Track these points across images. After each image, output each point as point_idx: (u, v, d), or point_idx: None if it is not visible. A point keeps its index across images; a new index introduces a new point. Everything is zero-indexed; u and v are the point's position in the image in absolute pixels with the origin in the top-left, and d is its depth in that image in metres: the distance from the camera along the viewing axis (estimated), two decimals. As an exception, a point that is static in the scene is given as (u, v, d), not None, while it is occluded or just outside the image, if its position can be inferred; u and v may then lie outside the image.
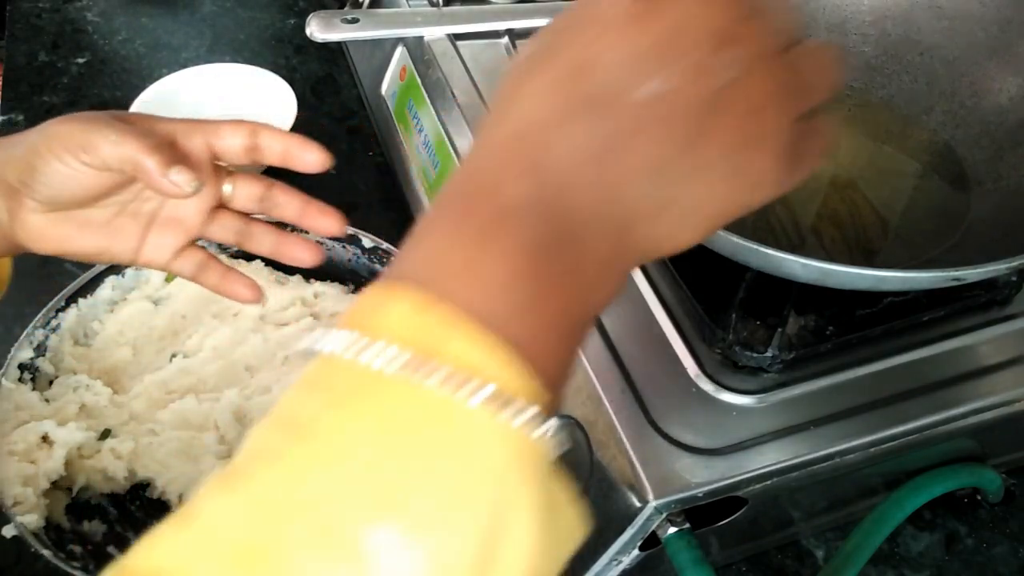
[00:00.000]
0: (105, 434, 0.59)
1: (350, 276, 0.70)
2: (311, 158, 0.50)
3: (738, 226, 0.40)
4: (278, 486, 0.22)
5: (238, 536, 0.22)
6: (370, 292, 0.25)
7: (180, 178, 0.45)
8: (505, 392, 0.23)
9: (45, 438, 0.57)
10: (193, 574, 0.21)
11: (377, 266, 0.68)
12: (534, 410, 0.24)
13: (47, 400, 0.59)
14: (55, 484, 0.56)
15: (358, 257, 0.69)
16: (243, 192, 0.51)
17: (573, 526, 0.26)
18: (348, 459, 0.22)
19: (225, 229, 0.52)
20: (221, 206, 0.52)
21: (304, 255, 0.53)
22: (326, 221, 0.52)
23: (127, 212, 0.50)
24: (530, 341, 0.25)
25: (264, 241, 0.53)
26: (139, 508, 0.59)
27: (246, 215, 0.53)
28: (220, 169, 0.51)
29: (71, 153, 0.45)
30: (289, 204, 0.52)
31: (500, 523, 0.23)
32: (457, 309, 0.24)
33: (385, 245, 0.67)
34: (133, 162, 0.45)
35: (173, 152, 0.46)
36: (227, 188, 0.51)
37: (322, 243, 0.69)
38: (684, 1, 0.27)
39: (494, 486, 0.23)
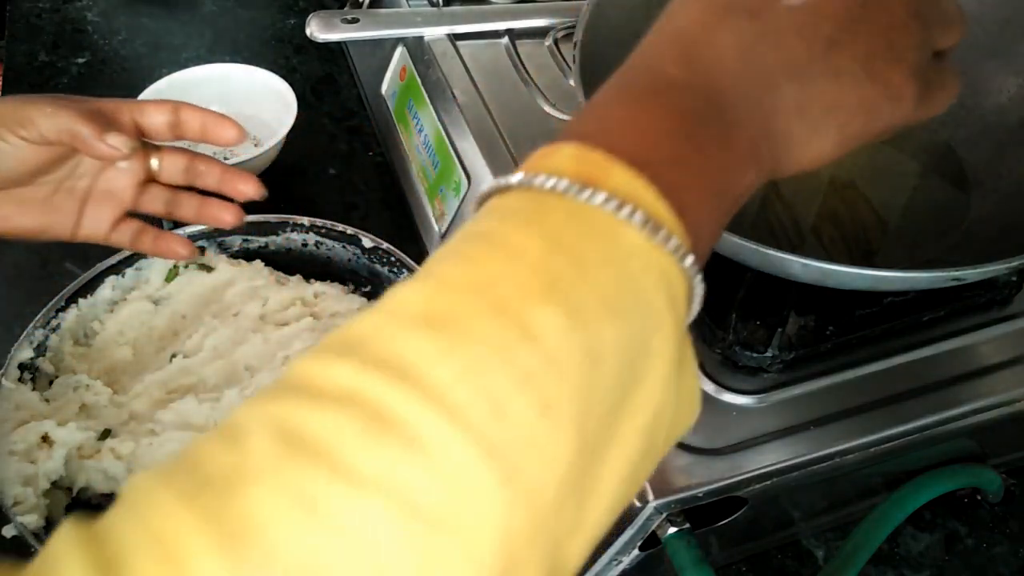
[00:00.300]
0: (105, 434, 0.59)
1: (350, 276, 0.70)
2: (227, 133, 0.55)
3: (737, 226, 0.40)
4: (459, 273, 0.25)
5: (422, 308, 0.24)
6: (540, 148, 0.28)
7: (116, 141, 0.49)
8: (657, 220, 0.26)
9: (45, 438, 0.57)
10: (382, 336, 0.24)
11: (377, 266, 0.68)
12: (680, 243, 0.27)
13: (47, 400, 0.59)
14: (55, 484, 0.56)
15: (358, 257, 0.69)
16: (169, 165, 0.56)
17: (692, 399, 0.29)
18: (521, 254, 0.25)
19: (155, 200, 0.56)
20: (151, 180, 0.56)
21: (225, 216, 0.57)
22: (244, 187, 0.56)
23: (63, 189, 0.54)
24: (679, 190, 0.27)
25: (190, 207, 0.57)
26: (139, 508, 0.60)
27: (173, 187, 0.57)
28: (148, 145, 0.55)
29: (8, 128, 0.48)
30: (210, 173, 0.56)
31: (645, 342, 0.25)
32: (616, 154, 0.27)
33: (385, 245, 0.67)
34: (70, 131, 0.48)
35: (106, 120, 0.50)
36: (154, 162, 0.55)
37: (322, 243, 0.69)
38: None
39: (644, 299, 0.26)
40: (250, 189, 0.56)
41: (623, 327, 0.25)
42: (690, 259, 0.27)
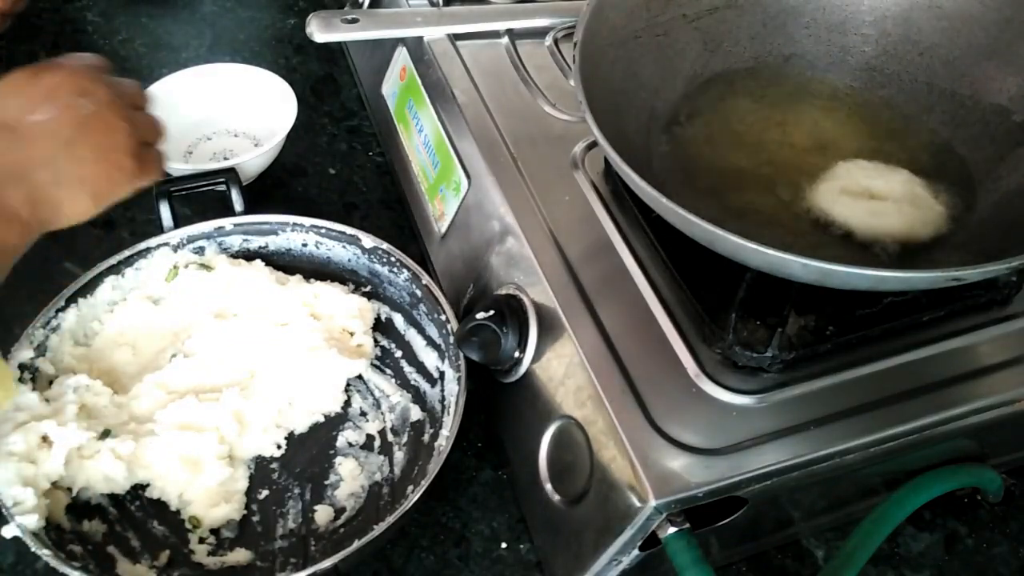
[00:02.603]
0: (105, 434, 0.59)
1: (350, 276, 0.70)
2: None
3: (748, 227, 0.40)
4: None
5: None
6: None
7: None
8: None
9: (45, 438, 0.57)
10: None
11: (377, 266, 0.68)
12: None
13: (47, 400, 0.59)
14: (55, 484, 0.56)
15: (358, 257, 0.69)
16: None
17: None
18: None
19: None
20: None
21: None
22: None
23: None
24: None
25: None
26: (139, 508, 0.59)
27: None
28: None
29: None
30: None
31: None
32: None
33: (385, 245, 0.67)
34: None
35: None
36: None
37: (322, 243, 0.69)
38: (59, 72, 0.50)
39: None
40: None
41: None
42: None
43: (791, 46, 0.69)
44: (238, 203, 0.70)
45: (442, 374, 0.64)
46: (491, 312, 0.58)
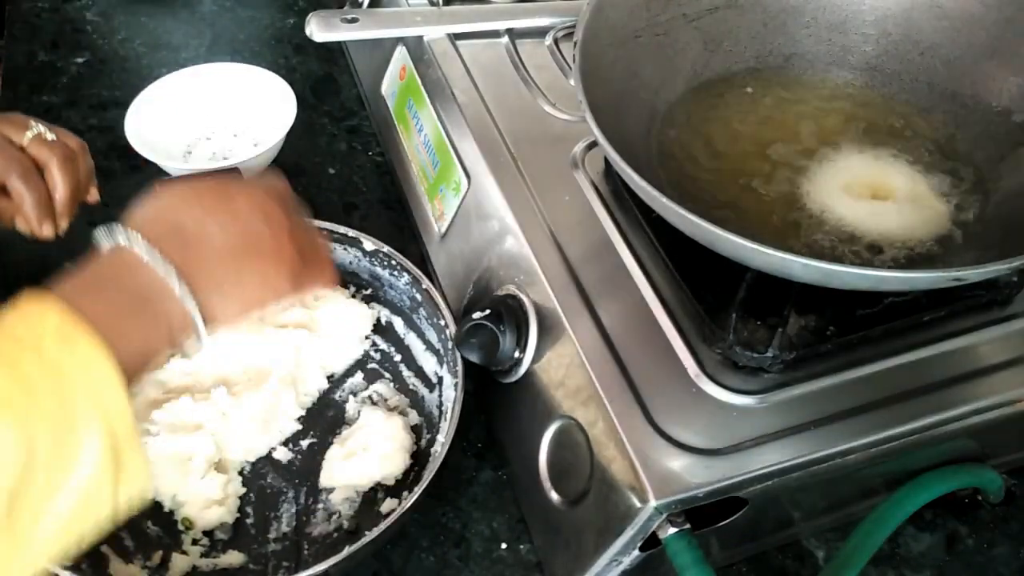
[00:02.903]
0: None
1: (351, 279, 0.70)
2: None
3: (752, 228, 0.40)
4: None
5: None
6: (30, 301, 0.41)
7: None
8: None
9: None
10: None
11: (378, 269, 0.68)
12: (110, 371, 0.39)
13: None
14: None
15: (359, 260, 0.69)
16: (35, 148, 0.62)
17: (139, 474, 0.40)
18: None
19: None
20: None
21: (35, 227, 0.62)
22: (50, 225, 0.63)
23: None
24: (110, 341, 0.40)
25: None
26: (137, 508, 0.59)
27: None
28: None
29: None
30: (57, 184, 0.62)
31: (70, 427, 0.38)
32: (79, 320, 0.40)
33: (386, 248, 0.67)
34: None
35: None
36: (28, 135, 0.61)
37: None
38: (250, 196, 0.49)
39: (67, 401, 0.38)
40: (63, 224, 0.62)
41: (42, 415, 0.37)
42: (116, 379, 0.39)
43: (792, 46, 0.69)
44: (238, 203, 0.69)
45: (440, 379, 0.63)
46: (489, 312, 0.58)
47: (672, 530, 0.48)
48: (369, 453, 0.61)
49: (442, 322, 0.62)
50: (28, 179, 0.60)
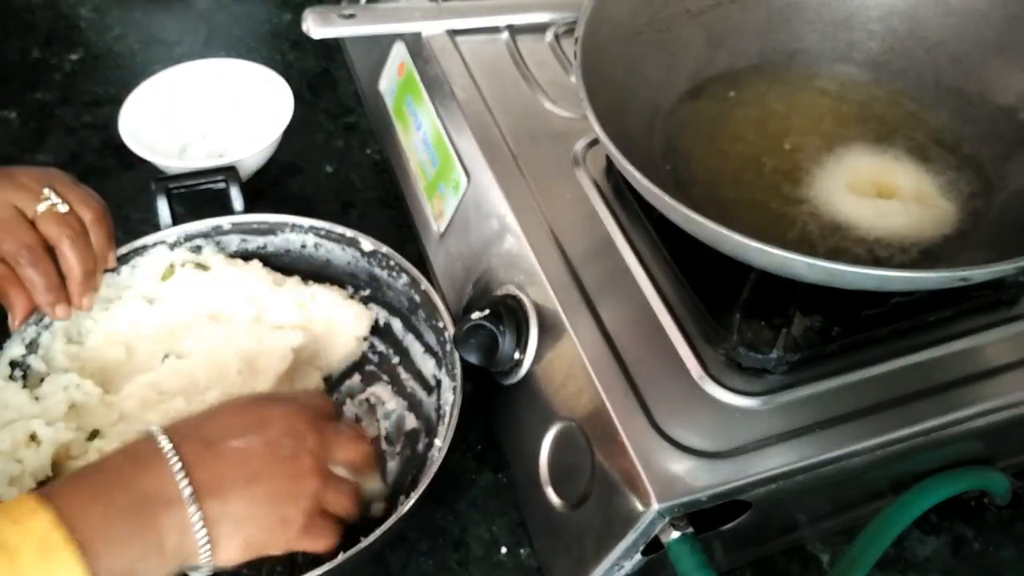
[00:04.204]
0: (93, 435, 0.58)
1: (349, 279, 0.69)
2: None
3: (750, 225, 0.40)
4: None
5: None
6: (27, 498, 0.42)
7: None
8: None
9: (33, 437, 0.56)
10: None
11: (376, 269, 0.67)
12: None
13: (37, 398, 0.58)
14: (42, 484, 0.55)
15: (357, 260, 0.68)
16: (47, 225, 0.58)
17: None
18: None
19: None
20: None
21: (48, 310, 0.59)
22: (81, 300, 0.61)
23: None
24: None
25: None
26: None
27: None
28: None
29: None
30: (70, 269, 0.59)
31: None
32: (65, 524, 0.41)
33: (385, 249, 0.66)
34: None
35: None
36: (41, 207, 0.58)
37: (321, 245, 0.68)
38: (283, 410, 0.49)
39: None
40: (85, 302, 0.60)
41: None
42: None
43: (796, 42, 0.69)
44: (237, 202, 0.69)
45: (439, 382, 0.63)
46: (489, 312, 0.57)
47: (675, 534, 0.48)
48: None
49: (441, 324, 0.62)
50: (38, 265, 0.57)
